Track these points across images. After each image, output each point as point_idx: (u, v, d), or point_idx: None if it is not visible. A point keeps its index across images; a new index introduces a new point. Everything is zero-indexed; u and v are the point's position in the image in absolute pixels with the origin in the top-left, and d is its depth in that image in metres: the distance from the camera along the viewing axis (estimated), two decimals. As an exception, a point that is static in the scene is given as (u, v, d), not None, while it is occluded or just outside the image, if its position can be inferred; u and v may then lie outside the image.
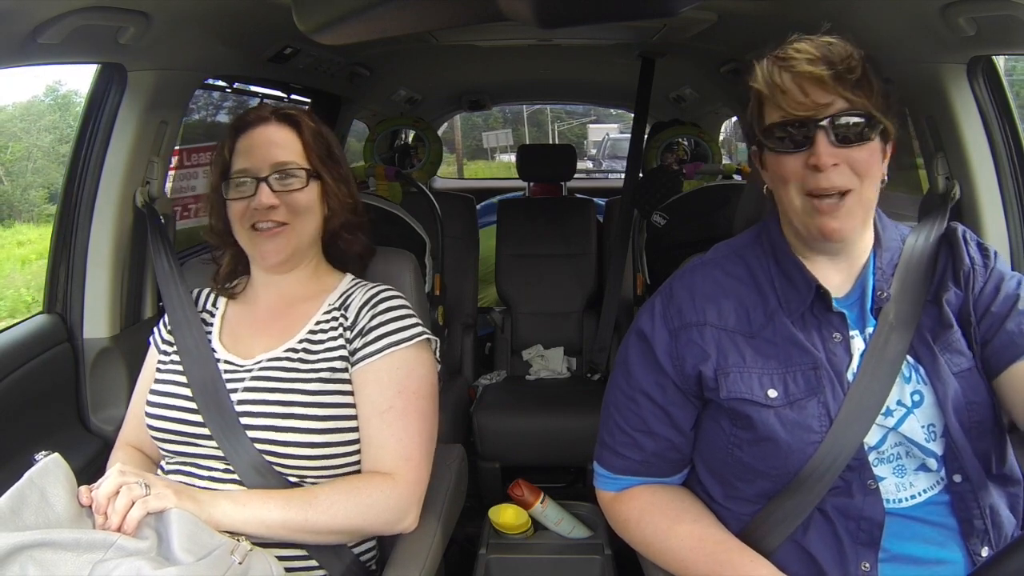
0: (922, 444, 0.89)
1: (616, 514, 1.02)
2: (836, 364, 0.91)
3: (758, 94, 0.91)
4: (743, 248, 1.01)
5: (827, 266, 0.96)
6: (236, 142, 1.10)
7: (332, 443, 1.03)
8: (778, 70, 0.88)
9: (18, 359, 1.28)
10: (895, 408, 0.90)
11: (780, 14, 1.50)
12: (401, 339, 1.07)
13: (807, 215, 0.90)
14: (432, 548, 1.06)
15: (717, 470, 0.96)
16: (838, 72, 0.86)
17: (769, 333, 0.93)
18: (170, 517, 0.86)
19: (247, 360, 1.09)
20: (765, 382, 0.91)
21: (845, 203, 0.88)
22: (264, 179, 1.06)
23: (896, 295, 0.94)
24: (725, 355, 0.93)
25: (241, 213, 1.08)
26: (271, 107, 1.12)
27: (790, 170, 0.89)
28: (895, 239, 1.00)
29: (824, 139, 0.86)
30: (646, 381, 0.97)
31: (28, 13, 1.03)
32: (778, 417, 0.89)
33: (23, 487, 0.82)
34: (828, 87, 0.86)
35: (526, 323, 2.68)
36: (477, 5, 0.82)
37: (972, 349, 0.93)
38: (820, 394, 0.89)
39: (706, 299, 0.96)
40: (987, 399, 0.91)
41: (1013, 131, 1.35)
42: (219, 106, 2.41)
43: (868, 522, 0.87)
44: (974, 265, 0.96)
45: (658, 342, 0.96)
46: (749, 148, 1.04)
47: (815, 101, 0.86)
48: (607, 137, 10.59)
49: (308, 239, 1.12)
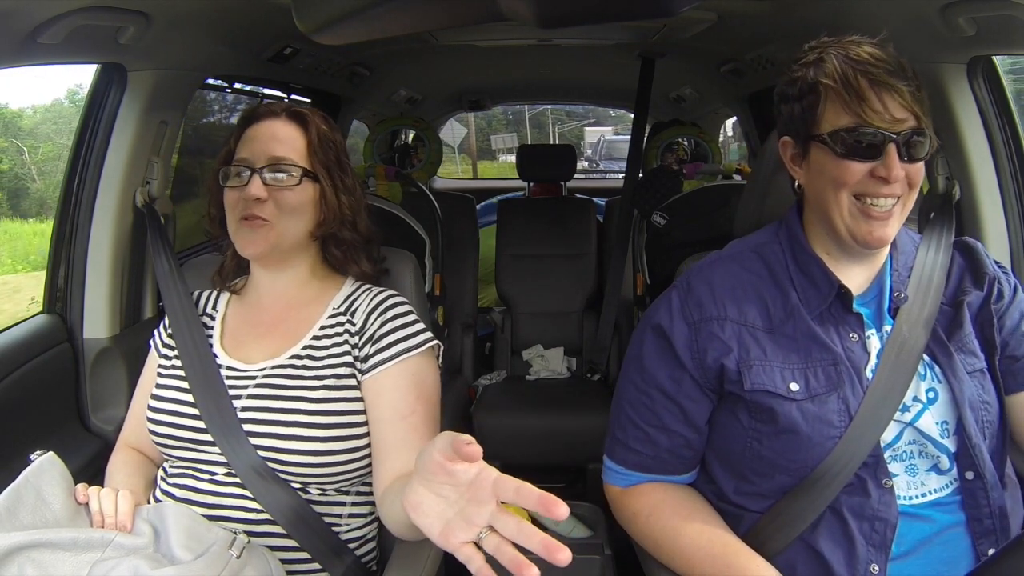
0: (936, 440, 0.90)
1: (624, 508, 1.02)
2: (855, 361, 0.92)
3: (820, 90, 0.89)
4: (761, 245, 1.01)
5: (849, 266, 0.96)
6: (243, 132, 1.09)
7: (336, 450, 1.02)
8: (854, 72, 0.86)
9: (18, 359, 1.27)
10: (911, 404, 0.91)
11: (780, 14, 1.51)
12: (412, 345, 1.06)
13: (855, 219, 0.89)
14: (432, 548, 1.06)
15: (733, 465, 0.96)
16: (912, 89, 0.86)
17: (789, 329, 0.93)
18: (166, 512, 0.86)
19: (250, 366, 1.08)
20: (787, 376, 0.91)
21: (895, 210, 0.89)
22: (258, 171, 1.05)
23: (913, 295, 0.95)
24: (747, 349, 0.93)
25: (233, 203, 1.07)
26: (286, 104, 1.11)
27: (851, 175, 0.88)
28: (908, 243, 1.02)
29: (895, 153, 0.86)
30: (661, 376, 0.97)
31: (28, 13, 1.03)
32: (800, 410, 0.89)
33: (19, 487, 0.82)
34: (906, 103, 0.86)
35: (526, 323, 2.68)
36: (477, 5, 0.82)
37: (985, 351, 0.95)
38: (840, 390, 0.90)
39: (725, 294, 0.96)
40: (996, 401, 0.93)
41: (1013, 131, 1.35)
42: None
43: (882, 523, 0.87)
44: (998, 275, 0.98)
45: (677, 336, 0.96)
46: (750, 145, 1.03)
47: (892, 115, 0.86)
48: (602, 139, 10.84)
49: (292, 240, 1.08)
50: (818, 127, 0.90)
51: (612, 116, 10.58)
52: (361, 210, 1.14)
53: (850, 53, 0.87)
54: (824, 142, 0.89)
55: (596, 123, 12.19)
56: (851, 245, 0.92)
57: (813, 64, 0.90)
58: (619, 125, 10.85)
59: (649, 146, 2.84)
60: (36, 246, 4.17)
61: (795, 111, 0.93)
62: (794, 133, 0.94)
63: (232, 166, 1.07)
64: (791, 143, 0.95)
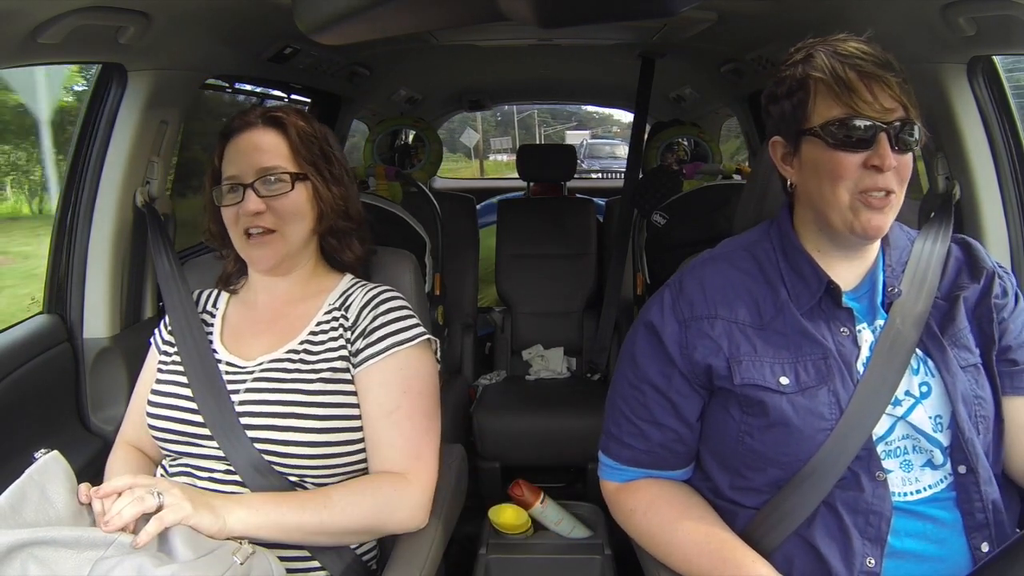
0: (929, 434, 0.90)
1: (621, 504, 1.02)
2: (845, 355, 0.92)
3: (810, 85, 0.90)
4: (752, 244, 1.01)
5: (839, 262, 0.96)
6: (225, 148, 1.09)
7: (333, 443, 1.03)
8: (842, 65, 0.87)
9: (18, 359, 1.28)
10: (903, 398, 0.91)
11: (780, 14, 1.51)
12: (403, 339, 1.07)
13: (853, 211, 0.89)
14: (432, 548, 1.06)
15: (726, 460, 0.96)
16: (900, 81, 0.88)
17: (779, 324, 0.94)
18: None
19: (248, 361, 1.09)
20: (776, 370, 0.92)
21: (890, 200, 0.89)
22: (250, 185, 1.06)
23: (907, 290, 0.96)
24: (736, 346, 0.93)
25: (233, 219, 1.08)
26: (259, 110, 1.11)
27: (846, 167, 0.88)
28: (903, 239, 1.02)
29: (886, 142, 0.87)
30: (653, 371, 0.98)
31: (28, 13, 1.03)
32: (790, 403, 0.90)
33: (23, 484, 0.82)
34: (894, 94, 0.87)
35: (526, 323, 2.68)
36: (477, 5, 0.82)
37: (981, 346, 0.95)
38: (830, 382, 0.90)
39: (716, 293, 0.97)
40: (991, 396, 0.93)
41: (1013, 131, 1.35)
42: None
43: (877, 516, 0.88)
44: (996, 270, 0.99)
45: (667, 332, 0.97)
46: (752, 145, 1.04)
47: (882, 105, 0.87)
48: (585, 142, 11.79)
49: (299, 243, 1.10)
50: (809, 121, 0.91)
51: (595, 119, 11.78)
52: (351, 196, 1.15)
53: (837, 49, 0.89)
54: (816, 135, 0.90)
55: (579, 126, 13.30)
56: (847, 237, 0.92)
57: (801, 62, 0.91)
58: (599, 128, 12.09)
59: (649, 146, 2.83)
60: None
61: (785, 109, 0.94)
62: (785, 131, 0.95)
63: (223, 184, 1.08)
64: (781, 143, 0.96)
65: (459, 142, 8.97)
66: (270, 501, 0.96)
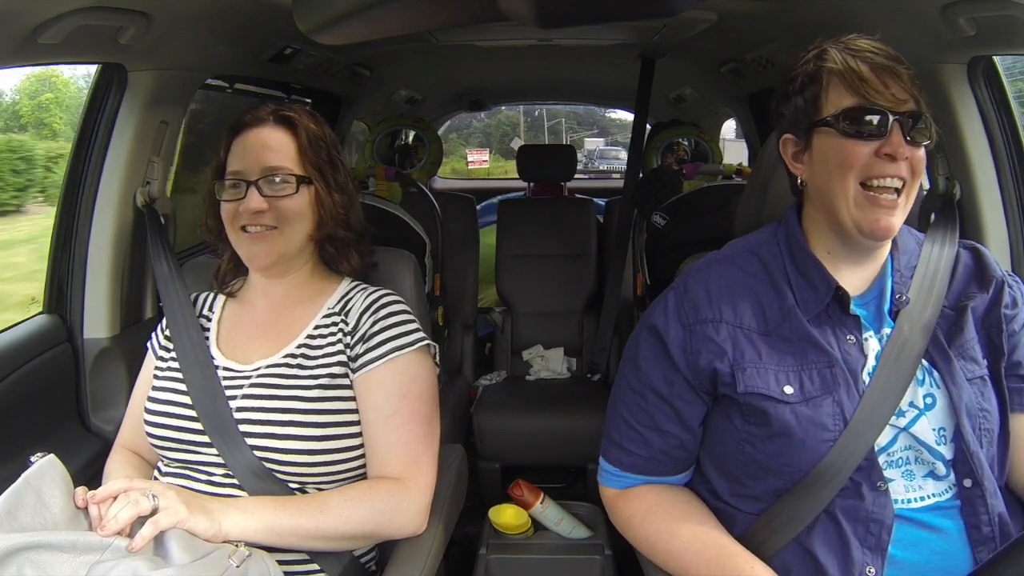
0: (932, 446, 0.89)
1: (620, 511, 1.02)
2: (851, 364, 0.91)
3: (823, 77, 0.90)
4: (759, 246, 1.00)
5: (847, 267, 0.95)
6: (232, 142, 1.08)
7: (332, 449, 1.03)
8: (855, 58, 0.88)
9: (18, 359, 1.27)
10: (907, 409, 0.90)
11: (780, 14, 1.51)
12: (403, 344, 1.06)
13: (861, 208, 0.89)
14: (432, 548, 1.06)
15: (726, 467, 0.95)
16: (911, 74, 0.88)
17: (785, 331, 0.93)
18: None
19: (246, 366, 1.08)
20: (781, 379, 0.90)
21: (900, 200, 0.89)
22: (254, 183, 1.04)
23: (915, 298, 0.94)
24: (741, 352, 0.92)
25: (232, 215, 1.07)
26: (271, 108, 1.10)
27: (857, 156, 0.88)
28: (911, 243, 1.00)
29: (899, 131, 0.87)
30: (656, 377, 0.96)
31: (28, 13, 1.03)
32: (794, 413, 0.89)
33: (19, 489, 0.82)
34: (905, 85, 0.88)
35: (526, 323, 2.68)
36: (477, 5, 0.82)
37: (990, 357, 0.94)
38: (835, 392, 0.89)
39: (722, 296, 0.95)
40: (997, 409, 0.92)
41: (1013, 131, 1.35)
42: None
43: (877, 525, 0.87)
44: (1005, 279, 0.97)
45: (671, 337, 0.96)
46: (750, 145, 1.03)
47: (895, 95, 0.87)
48: (597, 148, 12.93)
49: (297, 244, 1.09)
50: (821, 113, 0.90)
51: (616, 124, 12.30)
52: (354, 206, 1.14)
53: (849, 45, 0.90)
54: (829, 124, 0.89)
55: (599, 134, 14.19)
56: (856, 237, 0.91)
57: (814, 59, 0.91)
58: (619, 135, 12.80)
59: (649, 146, 2.83)
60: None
61: (798, 104, 0.93)
62: (796, 127, 0.94)
63: (227, 179, 1.07)
64: (792, 140, 0.95)
65: (510, 148, 9.98)
66: (267, 505, 0.95)
